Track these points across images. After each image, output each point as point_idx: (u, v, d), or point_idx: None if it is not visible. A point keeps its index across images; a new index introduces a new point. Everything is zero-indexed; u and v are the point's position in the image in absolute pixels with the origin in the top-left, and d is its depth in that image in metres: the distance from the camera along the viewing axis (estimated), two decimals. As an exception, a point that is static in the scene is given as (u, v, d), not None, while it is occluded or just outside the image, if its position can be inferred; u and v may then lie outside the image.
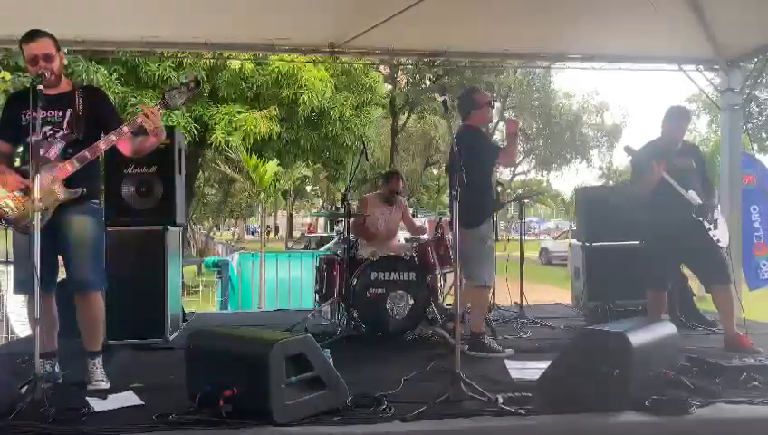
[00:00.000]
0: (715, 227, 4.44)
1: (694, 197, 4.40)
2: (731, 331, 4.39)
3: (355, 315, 4.91)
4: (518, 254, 6.52)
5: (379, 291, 4.86)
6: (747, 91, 6.69)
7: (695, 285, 5.51)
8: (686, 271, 4.97)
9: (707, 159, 5.80)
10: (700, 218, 4.39)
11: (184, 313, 5.59)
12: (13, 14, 4.80)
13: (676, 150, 4.55)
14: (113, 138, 3.26)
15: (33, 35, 3.28)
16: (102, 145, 3.28)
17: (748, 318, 4.73)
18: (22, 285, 3.28)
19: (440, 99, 3.79)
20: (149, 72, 11.08)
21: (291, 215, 42.91)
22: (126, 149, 3.42)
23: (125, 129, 3.27)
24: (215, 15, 5.55)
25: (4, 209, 3.26)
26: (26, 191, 3.16)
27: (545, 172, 32.76)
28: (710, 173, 5.08)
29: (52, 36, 3.32)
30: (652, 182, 4.35)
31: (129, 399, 3.11)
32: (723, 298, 4.43)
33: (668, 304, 4.78)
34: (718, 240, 4.44)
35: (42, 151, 3.14)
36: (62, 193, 3.25)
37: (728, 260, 4.57)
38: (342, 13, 5.61)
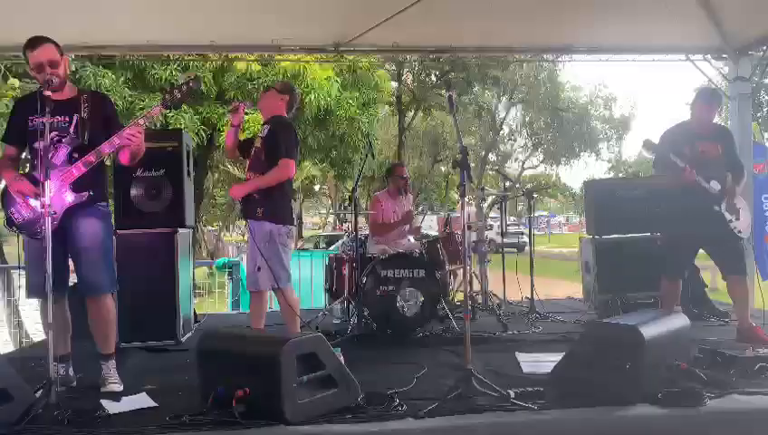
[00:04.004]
0: (737, 218, 4.34)
1: (715, 187, 4.29)
2: (745, 322, 4.36)
3: (366, 313, 4.91)
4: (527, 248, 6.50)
5: (390, 288, 4.86)
6: (756, 80, 6.62)
7: (706, 275, 5.47)
8: (698, 262, 4.93)
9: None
10: (719, 209, 4.30)
11: (195, 314, 5.62)
12: (19, 21, 4.83)
13: (704, 134, 4.42)
14: (116, 141, 3.28)
15: (36, 42, 3.29)
16: (106, 148, 3.30)
17: (760, 308, 4.70)
18: (34, 290, 3.31)
19: (446, 95, 3.77)
20: (156, 76, 11.13)
21: (300, 215, 42.98)
22: (124, 157, 3.44)
23: (127, 131, 3.29)
24: (219, 17, 5.56)
25: (15, 216, 3.29)
26: (37, 197, 3.19)
27: (554, 166, 32.59)
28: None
29: (54, 42, 3.34)
30: (680, 183, 4.26)
31: (142, 401, 3.13)
32: (738, 289, 4.40)
33: (681, 295, 4.74)
34: (739, 231, 4.35)
35: (49, 156, 3.17)
36: (69, 197, 3.28)
37: (747, 251, 4.48)
38: (346, 11, 5.61)
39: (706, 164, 4.31)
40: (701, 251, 4.60)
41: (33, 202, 3.23)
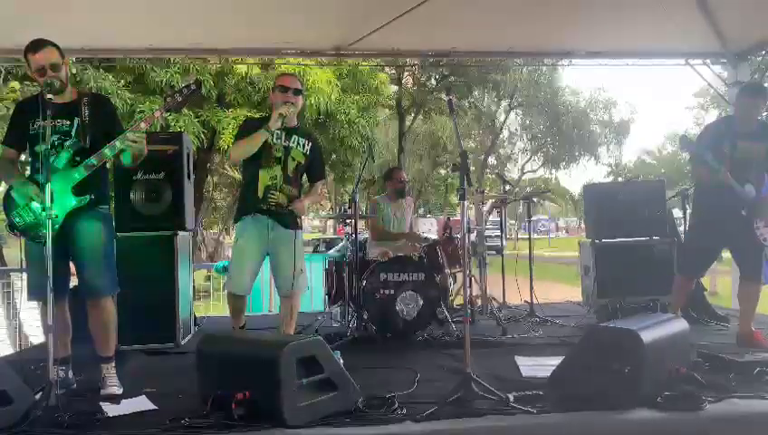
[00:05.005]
0: (765, 225, 4.28)
1: (749, 192, 4.23)
2: (746, 327, 4.36)
3: (365, 317, 4.92)
4: (527, 252, 6.49)
5: (389, 292, 4.87)
6: (755, 85, 6.63)
7: (706, 280, 5.47)
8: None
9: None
10: (748, 214, 4.26)
11: (195, 317, 5.62)
12: (20, 24, 4.84)
13: (748, 133, 4.30)
14: (117, 144, 3.29)
15: (37, 45, 3.30)
16: (108, 152, 3.30)
17: (761, 312, 4.70)
18: (35, 292, 3.31)
19: (445, 99, 3.78)
20: (157, 79, 11.13)
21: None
22: (126, 160, 3.43)
23: (129, 135, 3.29)
24: (220, 21, 5.58)
25: (17, 219, 3.30)
26: (39, 201, 3.19)
27: (553, 170, 32.65)
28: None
29: (55, 45, 3.34)
30: (714, 182, 4.21)
31: (142, 403, 3.13)
32: (748, 294, 4.39)
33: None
34: (765, 238, 4.30)
35: (51, 160, 3.17)
36: (71, 201, 3.28)
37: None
38: (346, 16, 5.63)
39: (745, 165, 4.23)
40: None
41: (35, 206, 3.24)
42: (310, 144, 4.10)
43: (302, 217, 4.08)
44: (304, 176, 4.17)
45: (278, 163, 3.94)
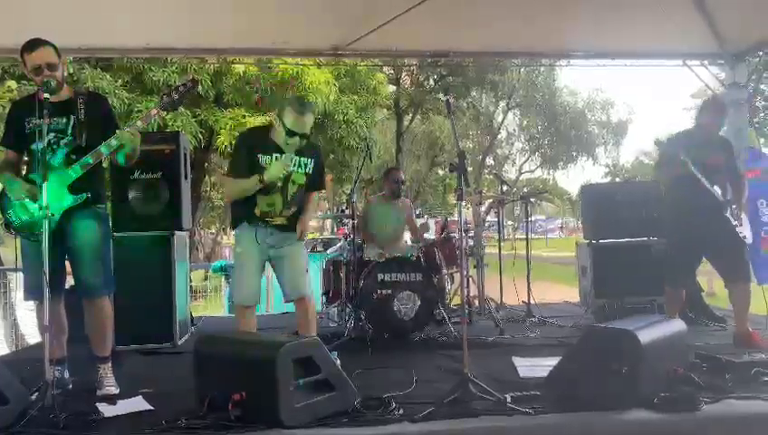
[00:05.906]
0: (741, 224, 4.35)
1: (719, 193, 4.29)
2: (743, 328, 4.35)
3: (362, 317, 4.91)
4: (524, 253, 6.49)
5: (387, 292, 4.86)
6: (752, 86, 6.65)
7: (703, 281, 5.47)
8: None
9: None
10: (727, 215, 4.29)
11: (192, 317, 5.61)
12: (17, 23, 4.83)
13: (710, 145, 4.39)
14: (113, 142, 3.28)
15: (34, 45, 3.29)
16: (104, 150, 3.29)
17: (757, 313, 4.70)
18: (31, 292, 3.30)
19: (443, 99, 3.78)
20: (154, 78, 11.12)
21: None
22: (121, 158, 3.43)
23: (125, 132, 3.28)
24: (218, 21, 5.57)
25: (12, 218, 3.29)
26: (34, 199, 3.19)
27: (551, 170, 32.68)
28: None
29: (52, 44, 3.33)
30: (686, 181, 4.22)
31: (138, 404, 3.12)
32: (740, 295, 4.39)
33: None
34: (744, 236, 4.35)
35: (47, 158, 3.16)
36: (67, 199, 3.27)
37: (750, 258, 4.46)
38: (344, 16, 5.61)
39: (712, 173, 4.28)
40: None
41: (31, 205, 3.23)
42: (312, 161, 3.77)
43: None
44: None
45: (277, 191, 3.66)
